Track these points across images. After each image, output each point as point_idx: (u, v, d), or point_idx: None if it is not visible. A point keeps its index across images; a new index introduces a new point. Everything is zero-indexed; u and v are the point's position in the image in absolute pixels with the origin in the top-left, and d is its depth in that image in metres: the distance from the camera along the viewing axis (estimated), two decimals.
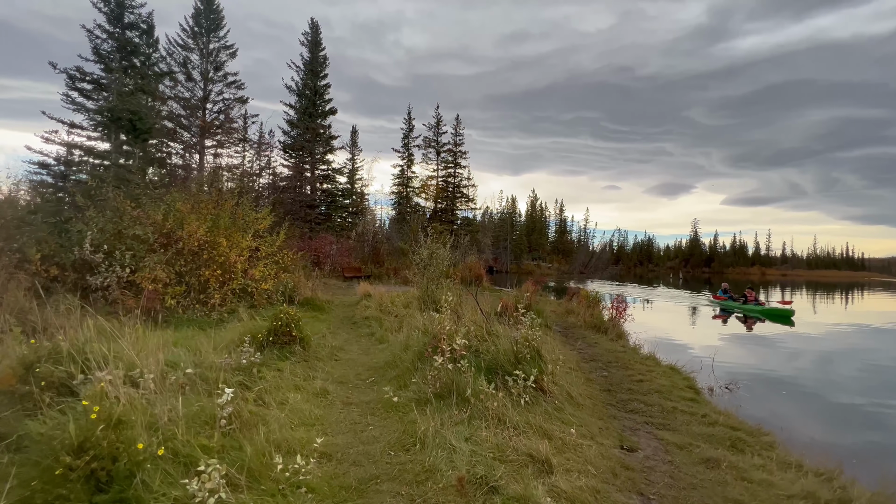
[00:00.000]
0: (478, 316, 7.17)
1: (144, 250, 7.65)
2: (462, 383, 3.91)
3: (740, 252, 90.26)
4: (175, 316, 7.42)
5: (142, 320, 7.25)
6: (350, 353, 6.03)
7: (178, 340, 5.62)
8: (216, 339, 5.54)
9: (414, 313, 8.81)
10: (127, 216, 7.95)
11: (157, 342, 5.19)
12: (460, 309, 7.81)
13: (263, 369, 4.31)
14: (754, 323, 13.69)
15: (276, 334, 5.15)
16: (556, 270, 61.88)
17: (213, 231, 8.82)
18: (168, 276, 7.86)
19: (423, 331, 6.27)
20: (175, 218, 8.14)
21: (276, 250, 10.42)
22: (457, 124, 35.32)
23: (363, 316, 8.99)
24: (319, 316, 9.36)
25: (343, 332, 7.86)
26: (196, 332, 6.56)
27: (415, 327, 6.55)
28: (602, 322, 9.71)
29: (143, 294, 7.20)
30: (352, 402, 4.06)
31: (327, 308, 10.34)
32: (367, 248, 25.70)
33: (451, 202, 35.20)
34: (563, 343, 8.06)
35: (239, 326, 5.81)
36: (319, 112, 30.20)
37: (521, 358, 4.63)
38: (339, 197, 31.63)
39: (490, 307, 9.16)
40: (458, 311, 7.64)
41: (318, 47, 30.63)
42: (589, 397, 4.66)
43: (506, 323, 7.40)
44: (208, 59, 26.44)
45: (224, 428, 2.89)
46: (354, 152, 34.74)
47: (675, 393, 5.13)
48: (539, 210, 76.63)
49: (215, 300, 7.86)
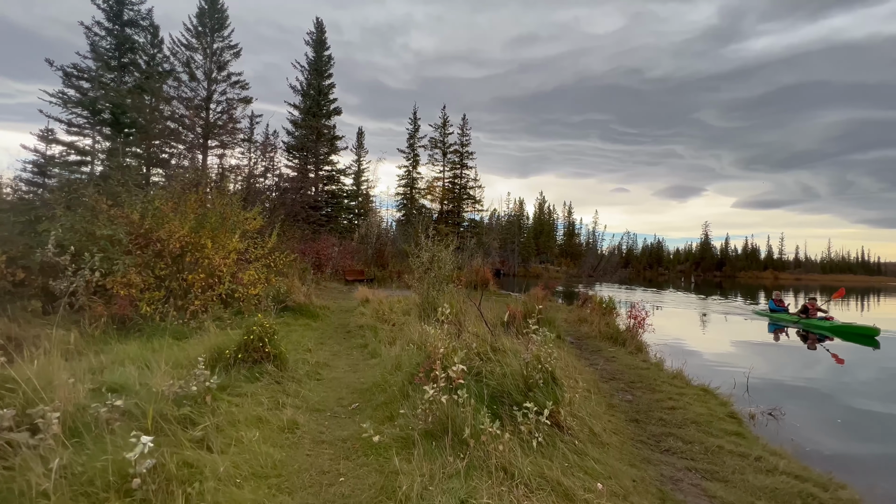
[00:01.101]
0: (482, 328, 6.40)
1: (120, 252, 7.02)
2: (459, 419, 3.15)
3: (752, 255, 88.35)
4: (150, 325, 6.76)
5: (109, 329, 6.63)
6: (335, 371, 5.30)
7: (139, 355, 4.94)
8: (180, 354, 4.85)
9: (412, 322, 8.07)
10: (103, 215, 7.34)
11: (102, 361, 4.52)
12: (462, 319, 7.06)
13: (222, 396, 3.60)
14: (818, 341, 11.33)
15: (247, 350, 4.44)
16: (564, 274, 60.90)
17: (197, 232, 8.19)
18: (144, 281, 7.21)
19: (418, 345, 5.53)
20: (155, 217, 7.50)
21: (267, 252, 9.76)
22: (463, 124, 34.67)
23: (358, 324, 8.27)
24: (311, 324, 8.67)
25: (333, 343, 7.14)
26: (169, 344, 5.89)
27: (410, 340, 5.81)
28: (619, 332, 8.88)
29: (114, 300, 6.56)
30: (324, 439, 3.32)
31: (321, 315, 9.64)
32: (371, 250, 25.04)
33: (458, 204, 34.47)
34: (577, 357, 7.25)
35: (205, 340, 5.11)
36: (324, 112, 29.74)
37: (533, 383, 3.86)
38: (344, 198, 31.11)
39: (496, 316, 8.39)
40: (460, 322, 6.89)
41: (322, 46, 30.20)
42: (614, 431, 3.87)
43: (514, 335, 6.65)
44: (212, 58, 26.14)
45: (139, 490, 2.17)
46: (360, 154, 34.26)
47: (715, 424, 4.31)
48: (547, 212, 75.70)
49: (195, 307, 7.19)
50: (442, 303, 8.83)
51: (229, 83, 26.37)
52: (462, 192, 34.55)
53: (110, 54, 17.75)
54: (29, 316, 6.31)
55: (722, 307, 20.89)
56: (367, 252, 24.71)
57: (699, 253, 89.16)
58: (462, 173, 34.48)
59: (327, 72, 30.20)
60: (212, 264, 7.80)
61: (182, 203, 8.25)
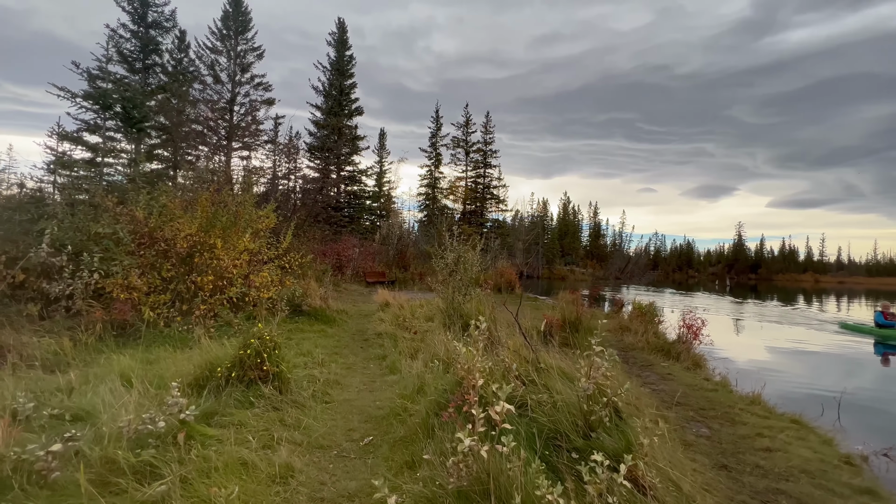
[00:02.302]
0: (517, 340, 5.53)
1: (123, 253, 6.52)
2: (505, 478, 2.31)
3: (790, 257, 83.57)
4: (152, 331, 6.22)
5: (107, 336, 6.11)
6: (348, 390, 4.54)
7: (129, 368, 4.32)
8: (175, 368, 4.20)
9: (436, 330, 7.27)
10: (109, 213, 6.89)
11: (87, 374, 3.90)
12: (494, 329, 6.21)
13: (203, 429, 2.88)
14: None
15: (242, 368, 3.74)
16: (590, 276, 59.09)
17: (208, 231, 7.66)
18: (149, 283, 6.70)
19: (444, 361, 4.71)
20: (163, 215, 7.00)
21: (282, 253, 9.18)
22: (487, 122, 33.73)
23: (376, 332, 7.54)
24: (327, 330, 7.99)
25: (349, 353, 6.41)
26: (167, 354, 5.30)
27: (434, 355, 5.00)
28: (670, 344, 7.81)
29: (114, 304, 6.04)
30: (325, 496, 2.54)
31: (338, 320, 8.97)
32: (393, 251, 24.45)
33: (481, 204, 33.53)
34: (624, 372, 6.27)
35: (206, 350, 4.45)
36: (345, 112, 29.47)
37: (596, 421, 2.98)
38: (366, 199, 30.74)
39: (530, 324, 7.49)
40: (492, 333, 6.05)
41: (344, 46, 29.97)
42: (706, 487, 2.93)
43: (555, 348, 5.77)
44: (236, 60, 26.31)
45: None
46: (382, 155, 33.86)
47: (831, 475, 3.30)
48: (572, 213, 73.72)
49: (201, 311, 6.62)
50: (469, 308, 8.01)
51: (252, 85, 26.49)
52: (485, 191, 33.59)
53: (135, 56, 17.84)
54: (24, 321, 5.86)
55: (777, 313, 19.14)
56: (388, 253, 24.14)
57: (732, 254, 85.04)
58: (486, 172, 33.54)
59: (349, 71, 29.92)
60: (221, 266, 7.23)
61: (192, 201, 7.74)
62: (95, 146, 9.99)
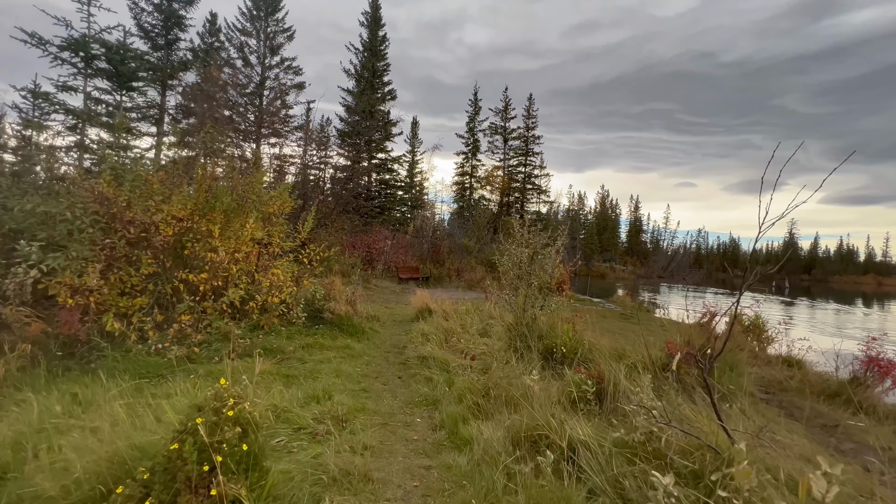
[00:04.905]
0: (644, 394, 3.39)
1: (83, 241, 4.80)
2: None
3: (848, 257, 76.11)
4: (119, 349, 4.47)
5: (50, 357, 4.43)
6: (385, 489, 2.54)
7: (40, 425, 2.53)
8: (85, 441, 2.35)
9: (501, 354, 5.21)
10: (80, 190, 5.20)
11: None
12: (598, 360, 4.11)
13: None
14: None
15: (172, 482, 1.80)
16: (630, 274, 55.61)
17: (205, 214, 5.89)
18: (121, 283, 4.97)
19: (531, 418, 2.64)
20: (137, 190, 5.25)
21: (299, 244, 7.36)
22: (529, 105, 30.94)
23: (418, 354, 5.54)
24: (353, 346, 6.09)
25: (383, 390, 4.45)
26: (122, 392, 3.52)
27: (514, 404, 2.95)
28: (839, 385, 5.38)
29: (59, 313, 4.33)
30: None
31: (368, 331, 7.07)
32: (427, 244, 22.52)
33: (521, 195, 30.99)
34: (806, 436, 3.99)
35: (189, 387, 2.57)
36: (378, 97, 27.71)
37: None
38: (399, 189, 28.99)
39: (636, 351, 5.27)
40: (599, 369, 3.95)
41: (378, 25, 28.11)
42: None
43: (691, 395, 3.68)
44: (266, 42, 25.12)
45: None
46: (415, 144, 31.97)
47: None
48: (610, 207, 69.76)
49: (182, 323, 4.84)
50: (545, 324, 5.90)
51: (282, 68, 25.27)
52: (526, 181, 30.98)
53: (156, 31, 16.61)
54: None
55: None
56: (422, 247, 22.24)
57: (783, 254, 78.10)
58: (527, 161, 30.89)
59: (383, 52, 28.09)
60: (215, 260, 5.43)
61: (175, 177, 5.97)
62: (73, 109, 8.46)
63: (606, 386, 3.81)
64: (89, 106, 8.77)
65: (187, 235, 5.66)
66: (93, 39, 7.95)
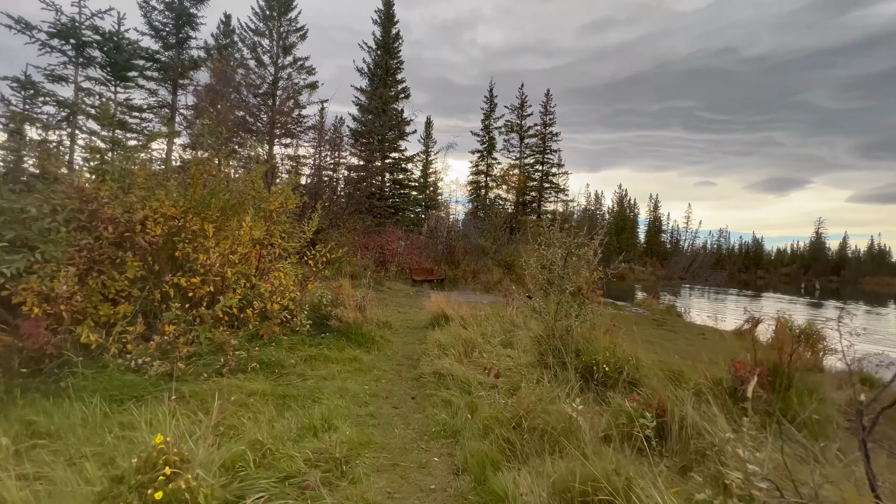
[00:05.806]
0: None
1: (59, 241, 4.28)
2: None
3: (880, 258, 72.54)
4: (87, 368, 3.92)
5: (11, 375, 3.88)
6: None
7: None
8: None
9: (529, 371, 4.50)
10: (57, 185, 4.70)
11: None
12: (648, 381, 3.37)
13: None
14: None
15: None
16: (651, 275, 53.99)
17: (199, 212, 5.34)
18: (92, 289, 4.43)
19: (594, 480, 1.91)
20: (117, 185, 4.71)
21: (304, 245, 6.76)
22: (546, 101, 30.03)
23: (434, 370, 4.86)
24: (361, 359, 5.44)
25: (393, 415, 3.78)
26: (83, 422, 2.96)
27: (555, 444, 2.23)
28: None
29: (24, 325, 3.79)
30: None
31: (378, 340, 6.42)
32: (441, 245, 21.86)
33: (539, 193, 30.04)
34: None
35: None
36: (392, 94, 27.23)
37: None
38: (412, 189, 28.44)
39: (691, 368, 4.47)
40: (659, 397, 3.21)
41: (391, 22, 27.63)
42: None
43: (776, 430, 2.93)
44: (278, 42, 24.91)
45: None
46: (429, 144, 31.39)
47: None
48: (628, 207, 67.95)
49: (166, 334, 4.26)
50: (581, 336, 5.14)
51: (295, 68, 25.00)
52: (544, 179, 30.02)
53: (167, 30, 16.40)
54: None
55: None
56: (436, 248, 21.58)
57: (810, 254, 74.81)
58: (544, 158, 29.94)
59: (396, 49, 27.59)
60: (207, 263, 4.85)
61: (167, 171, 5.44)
62: (64, 101, 8.01)
63: (669, 420, 3.06)
64: (81, 98, 8.34)
65: (179, 235, 5.11)
66: (84, 25, 7.54)
